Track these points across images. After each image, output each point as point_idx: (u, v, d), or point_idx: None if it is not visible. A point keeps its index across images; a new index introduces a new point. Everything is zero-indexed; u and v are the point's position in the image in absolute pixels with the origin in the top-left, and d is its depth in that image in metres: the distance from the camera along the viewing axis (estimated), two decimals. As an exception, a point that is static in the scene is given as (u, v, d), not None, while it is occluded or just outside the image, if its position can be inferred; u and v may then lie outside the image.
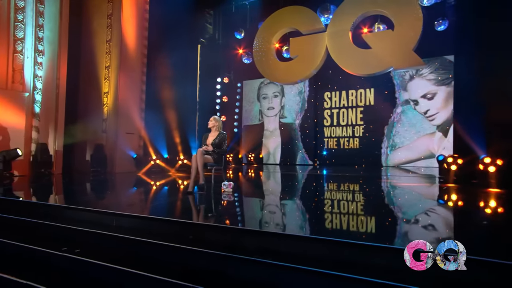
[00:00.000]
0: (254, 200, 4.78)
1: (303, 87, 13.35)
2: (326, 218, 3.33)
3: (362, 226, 2.92)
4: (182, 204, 4.17)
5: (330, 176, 8.72)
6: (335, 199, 4.58)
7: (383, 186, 6.31)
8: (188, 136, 9.80)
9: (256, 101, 14.21)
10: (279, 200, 4.54)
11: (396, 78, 11.84)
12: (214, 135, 5.14)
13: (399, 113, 11.74)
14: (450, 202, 4.52)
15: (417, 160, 11.44)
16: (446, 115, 10.98)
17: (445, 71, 11.01)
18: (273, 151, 13.71)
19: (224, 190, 4.85)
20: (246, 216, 3.71)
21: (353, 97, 12.57)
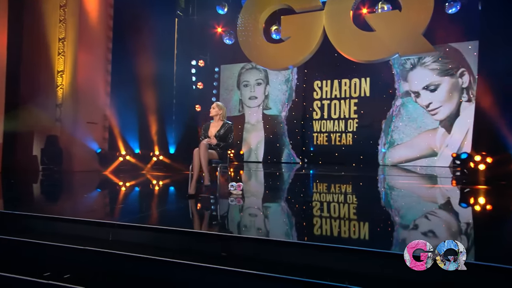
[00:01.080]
0: (272, 205, 4.32)
1: (290, 75, 12.90)
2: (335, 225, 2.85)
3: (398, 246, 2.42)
4: (190, 211, 3.83)
5: (318, 176, 8.47)
6: (326, 207, 4.13)
7: (394, 190, 5.92)
8: (165, 128, 9.01)
9: (235, 89, 13.60)
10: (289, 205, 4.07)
11: (395, 66, 11.68)
12: (218, 126, 4.77)
13: (399, 106, 11.60)
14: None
15: (417, 159, 11.37)
16: (450, 109, 10.94)
17: (450, 60, 10.95)
18: (255, 147, 13.18)
19: (232, 193, 4.58)
20: (274, 225, 3.32)
21: (346, 87, 12.28)
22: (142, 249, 2.54)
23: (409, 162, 11.45)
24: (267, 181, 7.40)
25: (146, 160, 8.35)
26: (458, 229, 3.07)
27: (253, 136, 13.22)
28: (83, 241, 2.68)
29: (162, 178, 7.29)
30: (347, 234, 2.77)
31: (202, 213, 3.79)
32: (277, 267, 2.15)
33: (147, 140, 8.63)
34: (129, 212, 3.76)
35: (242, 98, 13.49)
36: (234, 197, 4.56)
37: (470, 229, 3.11)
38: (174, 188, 6.26)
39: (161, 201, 4.64)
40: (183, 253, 2.46)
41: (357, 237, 2.66)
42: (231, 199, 4.41)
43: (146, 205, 4.34)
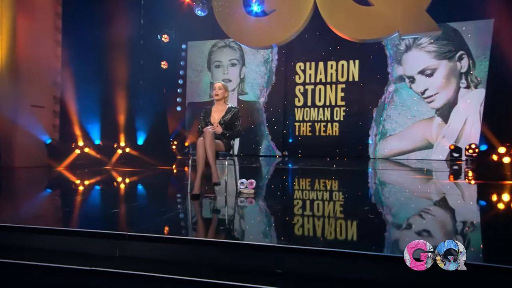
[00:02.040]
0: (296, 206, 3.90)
1: (270, 55, 12.32)
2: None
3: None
4: (210, 217, 3.53)
5: (302, 171, 8.21)
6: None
7: (411, 197, 5.47)
8: (134, 114, 8.16)
9: (206, 70, 12.84)
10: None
11: (388, 48, 11.43)
12: (222, 111, 4.46)
13: (391, 92, 11.39)
14: None
15: (411, 152, 11.23)
16: (447, 96, 10.85)
17: (448, 41, 10.82)
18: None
19: (242, 192, 4.33)
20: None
21: (332, 70, 11.90)
22: (165, 266, 2.29)
23: (403, 155, 11.30)
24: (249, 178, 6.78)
25: (109, 153, 7.54)
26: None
27: None
28: (79, 258, 2.38)
29: (133, 175, 6.73)
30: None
31: (227, 218, 3.47)
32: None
33: (111, 128, 7.76)
34: (127, 220, 3.35)
35: (214, 81, 12.65)
36: (244, 197, 4.23)
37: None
38: (160, 186, 5.82)
39: (159, 205, 4.11)
40: (228, 272, 2.22)
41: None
42: (241, 199, 4.10)
43: (142, 210, 3.85)
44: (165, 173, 7.68)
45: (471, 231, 2.96)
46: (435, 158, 10.90)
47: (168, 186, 5.99)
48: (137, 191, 5.35)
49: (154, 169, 7.64)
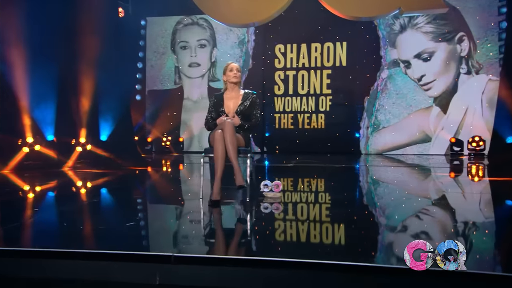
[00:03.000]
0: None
1: (246, 35, 11.60)
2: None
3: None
4: (264, 230, 3.12)
5: (283, 169, 7.91)
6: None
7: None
8: (98, 102, 7.36)
9: (169, 52, 11.88)
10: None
11: (381, 28, 11.03)
12: (238, 97, 4.15)
13: (385, 79, 11.01)
14: None
15: (407, 146, 10.94)
16: (446, 83, 10.54)
17: (447, 21, 10.48)
18: (199, 133, 11.71)
19: (266, 196, 4.05)
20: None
21: (317, 53, 11.34)
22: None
23: (398, 150, 11.05)
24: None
25: (66, 151, 6.79)
26: None
27: (196, 117, 11.72)
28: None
29: (101, 177, 6.31)
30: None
31: (284, 231, 3.09)
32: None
33: (67, 121, 6.93)
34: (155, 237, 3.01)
35: (179, 65, 11.87)
36: (270, 202, 3.92)
37: None
38: (160, 191, 5.40)
39: (180, 216, 3.78)
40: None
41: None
42: (264, 205, 3.80)
43: (163, 224, 3.49)
44: (144, 175, 7.18)
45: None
46: (433, 153, 10.68)
47: (168, 190, 5.56)
48: (136, 198, 4.83)
49: (125, 170, 7.15)
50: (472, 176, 6.84)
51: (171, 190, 5.62)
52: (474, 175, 6.98)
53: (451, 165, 8.86)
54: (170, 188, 5.92)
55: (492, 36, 10.41)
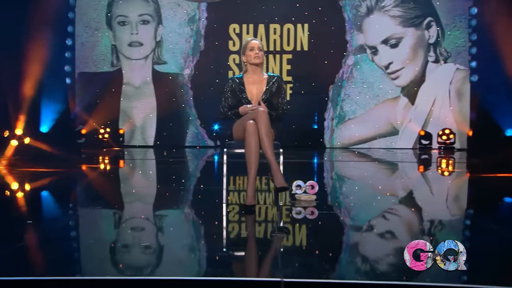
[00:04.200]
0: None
1: (197, 11, 10.17)
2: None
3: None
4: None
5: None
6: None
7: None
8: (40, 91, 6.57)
9: (105, 28, 10.31)
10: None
11: (347, 10, 10.16)
12: (261, 82, 3.76)
13: (351, 66, 10.20)
14: None
15: (374, 139, 10.23)
16: (414, 72, 9.99)
17: (415, 5, 9.94)
18: (141, 124, 10.31)
19: (299, 199, 3.68)
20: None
21: (276, 36, 10.30)
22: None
23: (364, 144, 10.22)
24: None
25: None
26: None
27: (139, 106, 10.34)
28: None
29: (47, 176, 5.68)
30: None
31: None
32: None
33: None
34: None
35: (117, 45, 10.31)
36: (304, 205, 3.60)
37: None
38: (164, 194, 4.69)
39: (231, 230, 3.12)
40: None
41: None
42: (296, 210, 3.49)
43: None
44: (103, 174, 6.48)
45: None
46: (401, 146, 10.06)
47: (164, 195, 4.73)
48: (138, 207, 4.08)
49: (72, 168, 6.46)
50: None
51: (168, 196, 4.72)
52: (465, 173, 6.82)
53: (427, 160, 8.66)
54: (164, 192, 4.99)
55: (461, 22, 10.02)
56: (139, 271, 2.20)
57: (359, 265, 2.35)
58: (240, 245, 2.74)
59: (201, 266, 2.35)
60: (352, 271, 2.27)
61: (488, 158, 7.11)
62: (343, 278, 2.10)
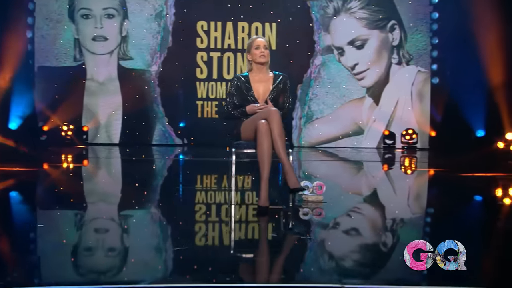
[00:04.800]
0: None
1: (164, 7, 9.70)
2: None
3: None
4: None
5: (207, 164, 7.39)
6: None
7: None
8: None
9: (66, 21, 9.58)
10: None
11: (314, 10, 10.05)
12: (268, 80, 3.68)
13: (318, 66, 10.10)
14: None
15: (340, 138, 10.21)
16: (378, 74, 10.04)
17: (379, 8, 9.97)
18: (106, 122, 9.71)
19: (306, 200, 3.59)
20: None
21: (244, 34, 10.01)
22: None
23: (331, 143, 10.19)
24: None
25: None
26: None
27: (103, 103, 9.73)
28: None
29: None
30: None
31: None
32: None
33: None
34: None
35: (80, 38, 9.62)
36: (312, 207, 3.52)
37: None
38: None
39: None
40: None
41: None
42: (304, 211, 3.44)
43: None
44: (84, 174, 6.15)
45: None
46: (366, 146, 10.12)
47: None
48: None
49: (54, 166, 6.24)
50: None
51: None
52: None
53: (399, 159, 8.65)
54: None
55: (422, 26, 10.14)
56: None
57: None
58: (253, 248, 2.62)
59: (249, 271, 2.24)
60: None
61: (455, 158, 7.31)
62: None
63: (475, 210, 4.06)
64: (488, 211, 3.86)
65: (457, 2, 8.67)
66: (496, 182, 5.34)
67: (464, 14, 8.33)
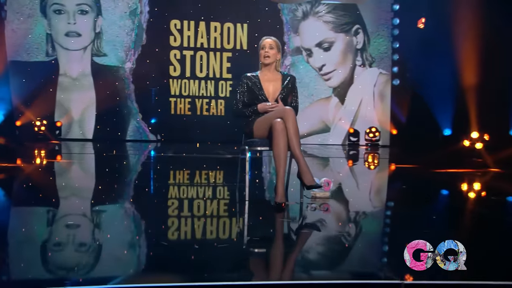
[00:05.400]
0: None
1: (138, 5, 9.53)
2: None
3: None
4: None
5: (184, 160, 7.14)
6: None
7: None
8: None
9: (38, 16, 9.22)
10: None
11: (284, 13, 10.18)
12: (277, 80, 3.65)
13: (288, 66, 10.25)
14: None
15: (309, 135, 10.38)
16: (344, 75, 10.34)
17: (345, 13, 10.27)
18: (79, 117, 9.44)
19: (314, 195, 3.58)
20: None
21: (216, 33, 10.02)
22: None
23: (300, 139, 10.20)
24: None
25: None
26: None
27: (76, 98, 9.43)
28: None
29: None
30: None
31: None
32: None
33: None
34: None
35: (53, 34, 9.28)
36: (320, 202, 3.49)
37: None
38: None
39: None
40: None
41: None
42: (312, 206, 3.42)
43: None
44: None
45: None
46: (332, 143, 10.34)
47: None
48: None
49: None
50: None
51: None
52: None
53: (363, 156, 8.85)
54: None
55: (384, 31, 10.46)
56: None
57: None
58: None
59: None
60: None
61: (420, 155, 7.58)
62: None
63: (432, 202, 4.18)
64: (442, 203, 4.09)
65: (418, 9, 9.08)
66: (456, 177, 5.62)
67: (427, 20, 8.77)
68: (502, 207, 3.87)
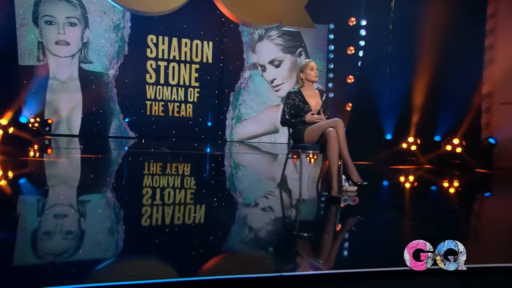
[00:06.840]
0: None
1: (121, 21, 10.16)
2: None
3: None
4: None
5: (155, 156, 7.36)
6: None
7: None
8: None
9: (31, 25, 9.50)
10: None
11: (244, 35, 11.35)
12: (316, 95, 3.89)
13: (247, 78, 11.43)
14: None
15: (262, 135, 11.65)
16: (290, 87, 11.53)
17: (291, 38, 11.66)
18: (67, 115, 9.81)
19: (346, 190, 3.81)
20: None
21: (186, 48, 10.94)
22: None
23: (255, 139, 11.54)
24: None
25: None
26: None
27: (64, 99, 9.78)
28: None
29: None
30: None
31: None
32: None
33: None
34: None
35: (44, 42, 9.60)
36: (349, 195, 3.74)
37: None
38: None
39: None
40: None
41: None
42: (344, 197, 3.64)
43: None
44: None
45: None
46: (280, 141, 11.58)
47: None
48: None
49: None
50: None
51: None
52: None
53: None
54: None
55: (320, 54, 11.78)
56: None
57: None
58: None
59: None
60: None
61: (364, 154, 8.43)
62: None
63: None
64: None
65: (348, 38, 10.72)
66: (390, 171, 6.34)
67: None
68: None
